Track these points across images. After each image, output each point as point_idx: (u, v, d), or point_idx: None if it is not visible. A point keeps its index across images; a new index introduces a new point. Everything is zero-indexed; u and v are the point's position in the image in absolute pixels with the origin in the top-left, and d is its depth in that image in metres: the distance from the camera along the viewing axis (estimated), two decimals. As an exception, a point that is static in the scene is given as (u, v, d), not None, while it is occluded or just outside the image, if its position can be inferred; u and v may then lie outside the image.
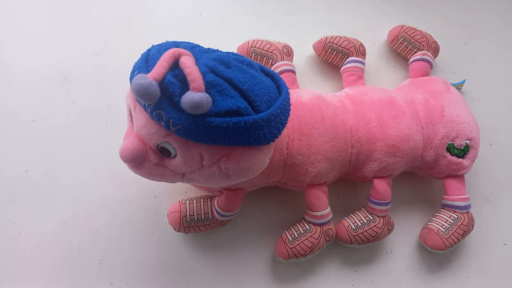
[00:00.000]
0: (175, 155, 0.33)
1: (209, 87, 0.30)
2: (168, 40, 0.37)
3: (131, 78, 0.34)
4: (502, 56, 0.62)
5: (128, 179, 0.51)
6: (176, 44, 0.34)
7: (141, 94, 0.28)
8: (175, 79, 0.30)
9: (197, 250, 0.50)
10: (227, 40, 0.58)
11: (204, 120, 0.30)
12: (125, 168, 0.48)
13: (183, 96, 0.29)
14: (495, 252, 0.54)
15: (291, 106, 0.37)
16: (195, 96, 0.28)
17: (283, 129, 0.35)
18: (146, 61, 0.33)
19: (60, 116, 0.54)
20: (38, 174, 0.51)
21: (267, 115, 0.32)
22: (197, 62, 0.32)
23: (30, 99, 0.54)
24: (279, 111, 0.34)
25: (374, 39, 0.61)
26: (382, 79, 0.59)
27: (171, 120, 0.30)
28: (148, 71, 0.31)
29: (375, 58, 0.61)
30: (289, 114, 0.36)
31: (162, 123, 0.31)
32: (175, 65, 0.31)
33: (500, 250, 0.54)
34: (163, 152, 0.34)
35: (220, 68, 0.32)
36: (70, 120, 0.54)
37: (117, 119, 0.54)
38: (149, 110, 0.31)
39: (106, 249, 0.49)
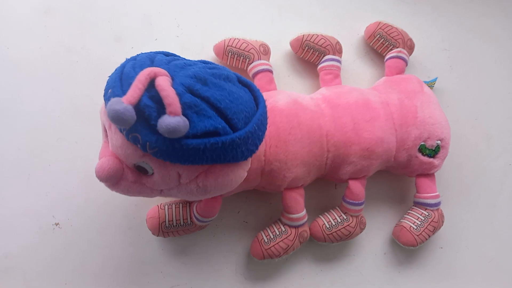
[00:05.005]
0: (153, 173, 0.33)
1: (186, 108, 0.30)
2: (143, 52, 0.36)
3: (105, 96, 0.33)
4: (478, 70, 0.64)
5: (87, 119, 0.51)
6: (151, 59, 0.34)
7: (116, 120, 0.28)
8: (151, 101, 0.30)
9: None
10: (211, 6, 0.59)
11: (181, 142, 0.30)
12: (87, 108, 0.51)
13: (159, 121, 0.29)
14: (431, 254, 0.56)
15: (268, 112, 0.37)
16: (172, 121, 0.28)
17: (260, 144, 0.35)
18: (121, 79, 0.32)
19: (34, 47, 0.53)
20: (2, 99, 0.51)
21: (245, 133, 0.32)
22: (173, 81, 0.31)
23: (7, 26, 0.54)
24: (256, 127, 0.34)
25: (359, 29, 0.61)
26: (358, 70, 0.60)
27: (147, 143, 0.30)
28: (122, 91, 0.30)
29: (356, 48, 0.61)
30: (266, 128, 0.36)
31: (139, 146, 0.30)
32: (150, 84, 0.30)
33: (435, 252, 0.57)
34: (140, 170, 0.34)
35: (197, 86, 0.31)
36: (42, 53, 0.53)
37: (88, 60, 0.54)
38: (124, 132, 0.31)
39: (55, 182, 0.50)
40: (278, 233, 0.48)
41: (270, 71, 0.52)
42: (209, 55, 0.55)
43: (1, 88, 0.51)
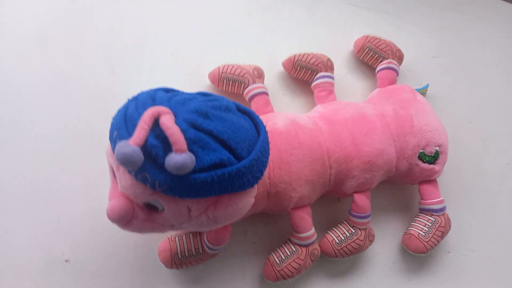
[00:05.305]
0: (163, 210, 0.34)
1: (191, 144, 0.30)
2: (143, 90, 0.37)
3: (111, 138, 0.33)
4: (468, 74, 0.65)
5: (88, 152, 0.52)
6: (152, 98, 0.34)
7: (125, 163, 0.29)
8: (157, 140, 0.30)
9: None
10: (203, 32, 0.60)
11: (189, 178, 0.30)
12: (87, 141, 0.53)
13: (166, 159, 0.29)
14: (439, 259, 0.57)
15: (268, 135, 0.38)
16: (179, 158, 0.29)
17: (265, 170, 0.36)
18: (125, 121, 0.32)
19: (30, 84, 0.54)
20: (5, 124, 0.52)
21: (249, 161, 0.33)
22: (176, 117, 0.32)
23: (4, 63, 0.55)
24: (260, 154, 0.34)
25: (349, 44, 0.62)
26: (351, 84, 0.61)
27: (156, 181, 0.30)
28: (128, 133, 0.31)
29: (346, 62, 0.62)
30: (269, 154, 0.37)
31: (148, 185, 0.31)
32: (155, 124, 0.31)
33: (443, 257, 0.57)
34: (151, 207, 0.34)
35: (199, 121, 0.32)
36: (39, 89, 0.54)
37: (86, 93, 0.55)
38: (133, 173, 0.31)
39: (61, 219, 0.50)
40: (289, 253, 0.48)
41: (266, 94, 0.53)
42: (204, 80, 0.56)
43: (3, 116, 0.52)
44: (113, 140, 0.33)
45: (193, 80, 0.57)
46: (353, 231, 0.50)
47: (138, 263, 0.50)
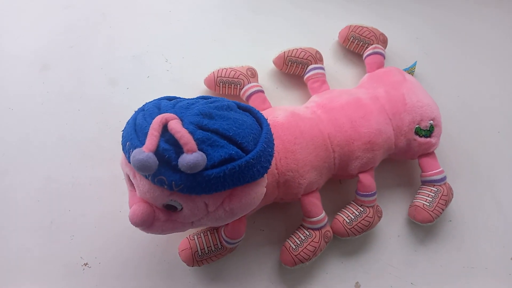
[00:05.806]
0: (182, 209, 0.36)
1: (200, 144, 0.33)
2: (148, 101, 0.39)
3: (124, 149, 0.36)
4: (452, 50, 0.69)
5: (97, 161, 0.55)
6: (157, 106, 0.37)
7: (142, 169, 0.31)
8: (168, 144, 0.33)
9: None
10: (194, 36, 0.63)
11: (203, 175, 0.33)
12: (95, 152, 0.54)
13: (179, 160, 0.31)
14: (441, 228, 0.59)
15: (271, 128, 0.41)
16: (191, 157, 0.31)
17: (272, 159, 0.38)
18: (135, 131, 0.35)
19: (35, 104, 0.57)
20: (13, 157, 0.54)
21: (256, 153, 0.35)
22: (183, 121, 0.34)
23: (8, 88, 0.57)
24: (265, 145, 0.37)
25: (334, 35, 0.65)
26: (341, 72, 0.64)
27: (173, 182, 0.33)
28: (140, 142, 0.33)
29: (334, 52, 0.65)
30: (273, 144, 0.39)
31: (165, 186, 0.33)
32: (164, 129, 0.33)
33: (445, 226, 0.59)
34: (169, 208, 0.36)
35: (204, 122, 0.34)
36: (44, 107, 0.57)
37: (89, 107, 0.57)
38: (150, 177, 0.33)
39: (77, 226, 0.52)
40: (303, 238, 0.50)
41: (262, 91, 0.55)
42: (199, 83, 0.58)
43: (11, 147, 0.54)
44: (127, 151, 0.35)
45: (189, 85, 0.59)
46: (362, 209, 0.52)
47: (156, 263, 0.52)
